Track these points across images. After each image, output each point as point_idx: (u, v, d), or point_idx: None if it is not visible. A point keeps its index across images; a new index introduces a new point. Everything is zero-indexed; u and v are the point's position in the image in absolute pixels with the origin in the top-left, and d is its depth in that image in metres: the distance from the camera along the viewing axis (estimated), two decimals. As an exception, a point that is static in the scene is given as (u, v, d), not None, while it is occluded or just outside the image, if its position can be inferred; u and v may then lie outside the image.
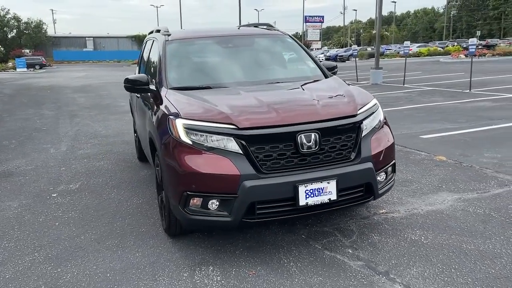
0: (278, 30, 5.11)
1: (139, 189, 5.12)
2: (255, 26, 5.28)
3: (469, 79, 13.86)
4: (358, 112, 3.43)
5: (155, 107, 3.88)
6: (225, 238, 3.68)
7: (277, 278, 3.01)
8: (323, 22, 52.20)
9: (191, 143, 3.19)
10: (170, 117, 3.35)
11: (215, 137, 3.15)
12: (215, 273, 3.13)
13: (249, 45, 4.68)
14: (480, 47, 48.76)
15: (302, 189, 3.10)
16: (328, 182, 3.16)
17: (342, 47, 69.02)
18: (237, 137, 3.10)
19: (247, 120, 3.16)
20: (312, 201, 3.14)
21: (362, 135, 3.38)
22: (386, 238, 3.53)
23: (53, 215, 4.43)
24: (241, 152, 3.10)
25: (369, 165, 3.32)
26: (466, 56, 35.51)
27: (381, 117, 3.67)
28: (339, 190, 3.20)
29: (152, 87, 4.15)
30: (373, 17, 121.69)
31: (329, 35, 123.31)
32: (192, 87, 3.90)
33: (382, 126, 3.65)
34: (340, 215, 4.01)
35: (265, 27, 5.22)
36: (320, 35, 52.69)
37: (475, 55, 35.81)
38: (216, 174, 3.08)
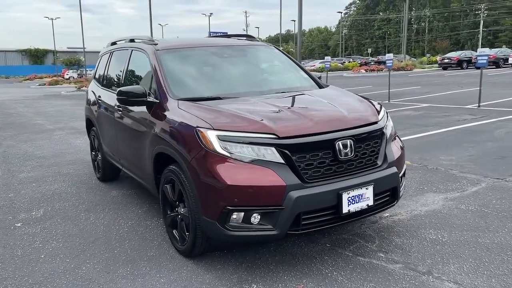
0: (259, 41, 5.09)
1: (120, 211, 4.68)
2: (236, 37, 5.19)
3: (388, 91, 15.09)
4: (379, 118, 3.53)
5: (162, 121, 3.61)
6: (247, 254, 3.51)
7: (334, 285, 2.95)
8: (226, 38, 53.44)
9: (228, 154, 3.01)
10: (200, 128, 3.13)
11: (254, 147, 3.01)
12: (262, 290, 2.97)
13: (243, 56, 4.58)
14: (372, 63, 53.41)
15: (345, 197, 3.08)
16: (366, 188, 3.19)
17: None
18: (279, 146, 3.00)
19: (286, 129, 3.08)
20: (353, 208, 3.14)
21: (386, 141, 3.48)
22: (407, 240, 3.64)
23: (32, 247, 3.86)
24: (283, 162, 2.99)
25: (395, 169, 3.42)
26: (366, 71, 38.60)
27: (392, 123, 3.82)
28: (374, 195, 3.25)
29: (151, 99, 3.86)
30: (272, 35, 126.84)
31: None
32: (202, 98, 3.71)
33: (395, 132, 3.81)
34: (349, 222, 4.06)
35: (244, 38, 5.17)
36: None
37: (373, 70, 39.12)
38: (260, 186, 2.94)
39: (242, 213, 2.98)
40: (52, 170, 6.69)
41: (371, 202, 3.23)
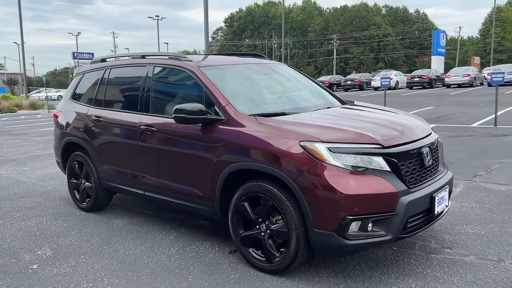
0: (268, 59, 5.20)
1: (148, 239, 4.27)
2: (247, 56, 5.20)
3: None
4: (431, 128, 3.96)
5: (238, 138, 3.50)
6: (331, 265, 3.57)
7: (442, 285, 3.18)
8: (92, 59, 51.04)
9: (342, 165, 3.10)
10: (306, 142, 3.15)
11: (363, 157, 3.15)
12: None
13: (274, 73, 4.63)
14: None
15: (436, 199, 3.39)
16: (445, 190, 3.55)
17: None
18: (386, 155, 3.18)
19: (387, 139, 3.27)
20: (439, 209, 3.46)
21: (442, 148, 3.92)
22: (455, 236, 4.06)
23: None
24: (389, 169, 3.19)
25: (451, 173, 3.87)
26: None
27: None
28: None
29: (212, 116, 3.71)
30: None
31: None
32: (269, 114, 3.70)
33: None
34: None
35: (252, 56, 5.20)
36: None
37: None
38: (376, 194, 3.08)
39: (360, 222, 3.08)
40: (8, 205, 5.73)
41: (447, 203, 3.59)
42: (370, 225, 3.10)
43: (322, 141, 3.14)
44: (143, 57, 4.68)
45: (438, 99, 22.23)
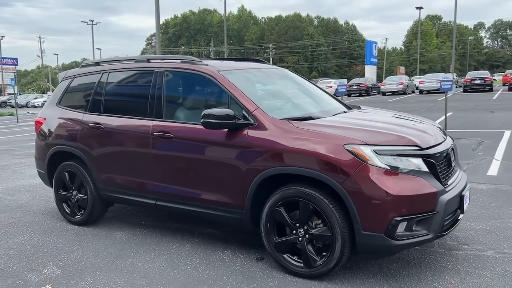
0: (268, 64, 5.18)
1: (162, 251, 4.06)
2: (248, 61, 5.12)
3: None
4: (444, 131, 4.15)
5: (273, 143, 3.45)
6: (360, 267, 3.62)
7: (478, 279, 3.33)
8: (17, 64, 47.98)
9: (388, 168, 3.16)
10: (351, 145, 3.18)
11: (404, 159, 3.23)
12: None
13: (285, 78, 4.62)
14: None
15: (465, 197, 3.55)
16: (468, 190, 3.73)
17: (43, 92, 63.87)
18: (425, 156, 3.29)
19: (423, 141, 3.39)
20: (465, 207, 3.63)
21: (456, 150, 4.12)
22: (465, 233, 4.26)
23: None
24: (427, 170, 3.30)
25: (466, 173, 4.07)
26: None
27: None
28: (467, 196, 3.82)
29: (241, 121, 3.62)
30: (67, 62, 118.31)
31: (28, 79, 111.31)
32: (299, 118, 3.68)
33: None
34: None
35: (253, 61, 5.15)
36: (15, 78, 47.99)
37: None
38: (421, 194, 3.17)
39: (406, 222, 3.15)
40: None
41: (469, 201, 3.78)
42: (414, 225, 3.18)
43: (367, 144, 3.19)
44: (148, 61, 4.47)
45: (380, 106, 23.32)
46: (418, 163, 3.25)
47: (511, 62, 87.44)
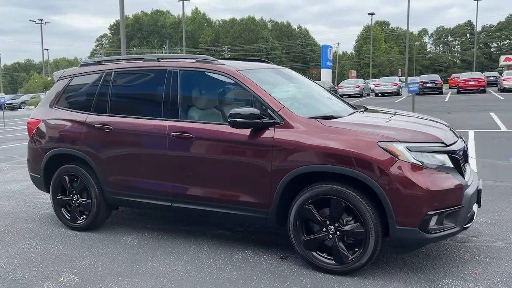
0: (273, 64, 5.20)
1: (183, 255, 3.97)
2: (253, 61, 5.10)
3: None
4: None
5: (303, 140, 3.47)
6: (381, 262, 3.72)
7: (498, 268, 3.50)
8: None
9: (420, 164, 3.27)
10: (385, 143, 3.26)
11: (432, 155, 3.36)
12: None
13: (294, 77, 4.65)
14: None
15: (481, 192, 3.74)
16: (481, 185, 3.92)
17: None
18: (450, 153, 3.44)
19: (446, 138, 3.54)
20: (481, 202, 3.82)
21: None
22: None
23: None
24: (452, 166, 3.45)
25: (475, 170, 4.28)
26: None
27: None
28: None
29: (267, 120, 3.62)
30: (8, 63, 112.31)
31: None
32: (324, 116, 3.73)
33: None
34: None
35: (257, 61, 5.14)
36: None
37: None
38: (450, 188, 3.30)
39: (437, 216, 3.27)
40: (-31, 230, 4.84)
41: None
42: (444, 218, 3.31)
43: (400, 141, 3.29)
44: (158, 60, 4.36)
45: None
46: (444, 159, 3.39)
47: (452, 67, 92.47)
